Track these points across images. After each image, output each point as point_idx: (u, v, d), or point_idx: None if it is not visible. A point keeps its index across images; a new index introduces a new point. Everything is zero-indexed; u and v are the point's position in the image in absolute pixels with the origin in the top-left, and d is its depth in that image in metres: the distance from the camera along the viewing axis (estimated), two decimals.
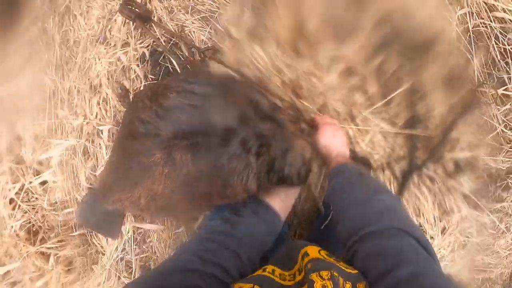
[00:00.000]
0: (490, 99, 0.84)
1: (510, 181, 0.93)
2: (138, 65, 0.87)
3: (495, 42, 0.82)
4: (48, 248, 1.11)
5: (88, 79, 0.97)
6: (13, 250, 1.12)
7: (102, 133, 0.94)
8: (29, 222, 1.12)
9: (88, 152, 1.00)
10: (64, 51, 1.00)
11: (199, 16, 0.88)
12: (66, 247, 1.12)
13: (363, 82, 0.71)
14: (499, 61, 0.83)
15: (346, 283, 0.36)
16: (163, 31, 0.87)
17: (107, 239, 1.05)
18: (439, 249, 0.96)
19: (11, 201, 1.11)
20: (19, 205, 1.09)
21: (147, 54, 0.87)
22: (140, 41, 0.88)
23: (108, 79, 0.92)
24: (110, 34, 0.93)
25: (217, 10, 0.83)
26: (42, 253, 1.12)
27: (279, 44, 0.71)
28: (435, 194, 0.85)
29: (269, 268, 0.44)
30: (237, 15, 0.76)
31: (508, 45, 0.81)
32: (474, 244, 1.02)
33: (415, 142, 0.76)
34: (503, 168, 0.90)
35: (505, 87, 0.84)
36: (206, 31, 0.86)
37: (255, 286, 0.38)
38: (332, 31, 0.67)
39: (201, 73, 0.76)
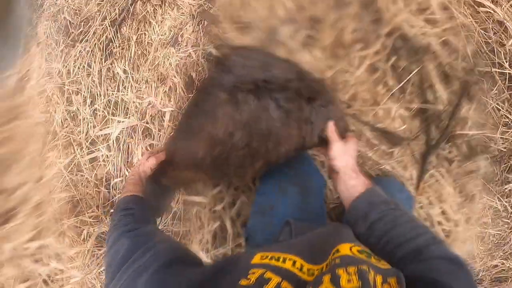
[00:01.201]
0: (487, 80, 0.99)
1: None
2: (205, 60, 1.09)
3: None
4: (83, 222, 1.17)
5: (156, 72, 1.17)
6: (52, 224, 1.17)
7: (164, 116, 1.11)
8: (71, 198, 1.19)
9: (148, 133, 1.14)
10: (137, 49, 1.21)
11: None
12: (102, 224, 1.18)
13: (384, 76, 0.95)
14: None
15: (377, 275, 0.35)
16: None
17: None
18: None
19: (58, 174, 1.20)
20: (65, 177, 1.18)
21: (213, 52, 1.09)
22: (208, 42, 1.11)
23: (176, 72, 1.13)
24: (182, 38, 1.16)
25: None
26: (77, 227, 1.18)
27: (323, 49, 0.96)
28: (454, 179, 1.00)
29: (298, 263, 0.43)
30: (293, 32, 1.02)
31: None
32: (490, 236, 1.12)
33: (429, 123, 0.96)
34: (504, 150, 1.03)
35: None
36: None
37: (284, 281, 0.38)
38: (361, 39, 0.93)
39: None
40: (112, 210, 1.17)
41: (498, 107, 1.00)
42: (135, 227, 0.60)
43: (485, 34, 0.98)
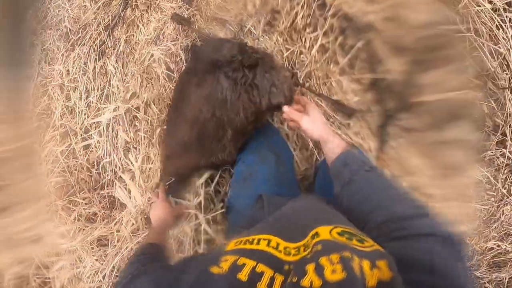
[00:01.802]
0: None
1: (486, 129, 1.02)
2: (182, 52, 1.23)
3: None
4: (75, 203, 1.28)
5: (142, 66, 1.31)
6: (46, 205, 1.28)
7: (149, 103, 1.24)
8: (66, 181, 1.31)
9: (134, 121, 1.27)
10: (126, 48, 1.37)
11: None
12: (92, 206, 1.29)
13: (334, 55, 1.06)
14: None
15: (362, 260, 0.33)
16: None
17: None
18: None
19: (54, 161, 1.33)
20: (61, 163, 1.30)
21: (189, 45, 1.23)
22: (186, 37, 1.26)
23: (158, 64, 1.27)
24: (164, 35, 1.31)
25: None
26: (69, 208, 1.28)
27: (280, 34, 1.10)
28: (422, 150, 0.98)
29: (273, 241, 0.42)
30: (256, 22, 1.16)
31: None
32: (477, 212, 1.05)
33: (383, 94, 1.03)
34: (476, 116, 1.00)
35: None
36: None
37: (259, 264, 0.36)
38: (310, 23, 1.06)
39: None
40: (102, 192, 1.28)
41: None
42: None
43: None
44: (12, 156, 1.17)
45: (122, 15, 1.41)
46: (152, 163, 1.21)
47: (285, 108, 0.78)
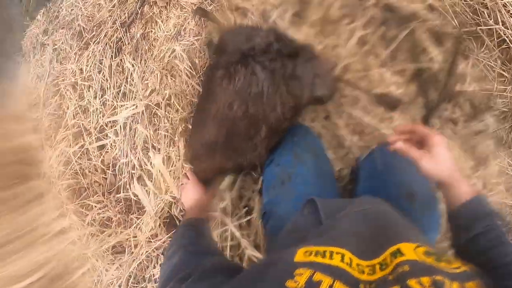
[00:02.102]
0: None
1: None
2: (206, 47, 1.18)
3: None
4: (88, 207, 1.19)
5: (162, 62, 1.26)
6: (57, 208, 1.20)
7: (170, 99, 1.17)
8: (78, 184, 1.23)
9: (154, 119, 1.20)
10: (144, 45, 1.32)
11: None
12: (107, 210, 1.21)
13: (374, 47, 1.01)
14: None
15: (453, 283, 0.32)
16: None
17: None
18: None
19: (67, 162, 1.25)
20: (73, 164, 1.23)
21: (214, 40, 1.18)
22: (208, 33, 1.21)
23: (180, 60, 1.21)
24: (185, 31, 1.26)
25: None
26: (83, 212, 1.20)
27: (311, 26, 1.05)
28: (463, 141, 0.98)
29: (347, 256, 0.39)
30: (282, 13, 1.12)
31: None
32: (507, 208, 1.01)
33: (426, 85, 0.98)
34: (506, 110, 1.00)
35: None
36: None
37: (336, 282, 0.34)
38: (348, 14, 1.01)
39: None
40: (118, 195, 1.20)
41: (491, 64, 1.01)
42: (193, 245, 0.64)
43: None
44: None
45: (139, 12, 1.37)
46: (172, 165, 1.13)
47: (398, 144, 0.62)
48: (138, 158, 1.18)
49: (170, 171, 1.12)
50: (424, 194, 0.74)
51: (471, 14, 0.99)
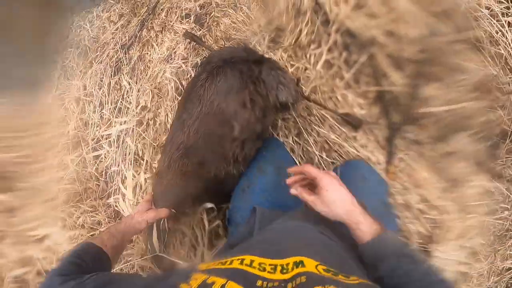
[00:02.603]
0: None
1: (495, 137, 0.98)
2: (193, 69, 1.30)
3: None
4: (81, 210, 1.31)
5: (154, 82, 1.39)
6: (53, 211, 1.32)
7: (158, 116, 1.30)
8: (74, 189, 1.35)
9: (143, 133, 1.32)
10: (140, 65, 1.46)
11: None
12: (98, 214, 1.32)
13: (339, 70, 1.10)
14: None
15: None
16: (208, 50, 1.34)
17: None
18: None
19: (65, 168, 1.38)
20: (71, 172, 1.35)
21: (199, 62, 1.31)
22: (195, 56, 1.34)
23: (169, 80, 1.34)
24: (175, 54, 1.40)
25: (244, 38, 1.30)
26: (75, 216, 1.31)
27: (285, 50, 1.16)
28: (430, 163, 0.98)
29: (247, 259, 0.42)
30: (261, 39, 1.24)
31: None
32: (490, 227, 1.00)
33: (389, 107, 1.04)
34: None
35: None
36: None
37: (229, 281, 0.36)
38: (315, 40, 1.12)
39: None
40: (108, 201, 1.31)
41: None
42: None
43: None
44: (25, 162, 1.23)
45: (138, 35, 1.52)
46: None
47: (293, 190, 0.65)
48: (127, 169, 1.29)
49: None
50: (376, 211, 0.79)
51: None
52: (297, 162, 1.13)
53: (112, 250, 0.67)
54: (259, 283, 0.38)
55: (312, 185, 0.63)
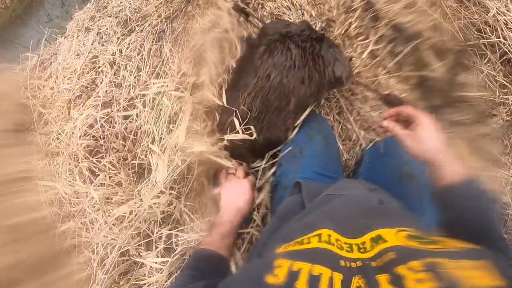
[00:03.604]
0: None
1: None
2: (239, 41, 1.32)
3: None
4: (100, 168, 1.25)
5: (196, 52, 1.40)
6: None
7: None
8: (97, 145, 1.30)
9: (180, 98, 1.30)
10: (183, 36, 1.47)
11: None
12: (119, 174, 1.26)
13: (383, 60, 1.15)
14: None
15: (450, 261, 0.31)
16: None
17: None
18: None
19: (91, 126, 1.33)
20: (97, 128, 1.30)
21: (245, 35, 1.33)
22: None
23: (210, 50, 1.35)
24: (218, 24, 1.42)
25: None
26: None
27: (334, 39, 1.20)
28: (467, 142, 1.02)
29: (324, 234, 0.40)
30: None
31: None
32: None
33: (429, 93, 1.08)
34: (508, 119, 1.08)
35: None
36: None
37: (315, 265, 0.34)
38: (363, 33, 1.17)
39: None
40: (133, 161, 1.26)
41: (494, 74, 1.10)
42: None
43: (471, 16, 1.14)
44: None
45: (183, 9, 1.55)
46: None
47: (384, 122, 0.67)
48: (160, 131, 1.26)
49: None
50: (424, 176, 0.80)
51: (475, 32, 1.14)
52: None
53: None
54: (342, 263, 0.36)
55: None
